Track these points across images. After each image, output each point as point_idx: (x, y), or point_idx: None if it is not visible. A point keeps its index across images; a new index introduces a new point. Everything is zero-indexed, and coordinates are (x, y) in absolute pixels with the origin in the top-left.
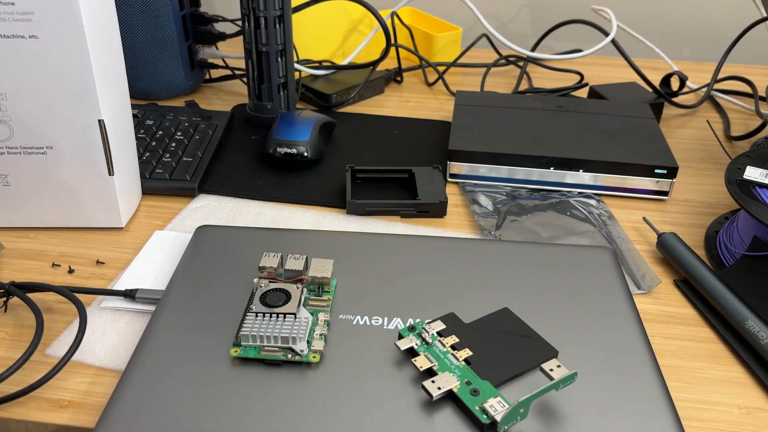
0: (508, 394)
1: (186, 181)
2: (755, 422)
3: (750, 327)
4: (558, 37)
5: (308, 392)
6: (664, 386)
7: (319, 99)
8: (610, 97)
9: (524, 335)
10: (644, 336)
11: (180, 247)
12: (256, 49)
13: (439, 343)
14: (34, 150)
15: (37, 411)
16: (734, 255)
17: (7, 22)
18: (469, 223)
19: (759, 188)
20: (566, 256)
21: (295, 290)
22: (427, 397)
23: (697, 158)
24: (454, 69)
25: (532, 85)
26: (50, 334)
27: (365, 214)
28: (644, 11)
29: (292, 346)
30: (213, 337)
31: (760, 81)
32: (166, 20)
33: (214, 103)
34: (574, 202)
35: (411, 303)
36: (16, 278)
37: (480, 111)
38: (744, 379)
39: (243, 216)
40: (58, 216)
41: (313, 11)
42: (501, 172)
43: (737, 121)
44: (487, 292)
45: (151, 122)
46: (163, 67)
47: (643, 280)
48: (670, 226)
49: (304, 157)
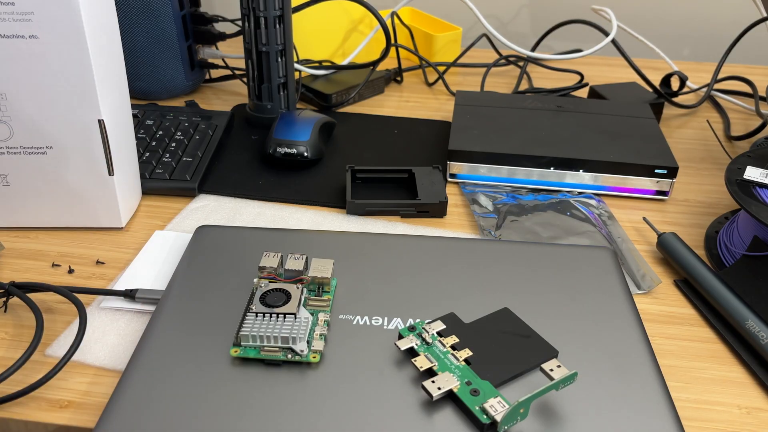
0: (508, 394)
1: (186, 181)
2: (755, 422)
3: (750, 327)
4: (558, 37)
5: (308, 392)
6: (664, 386)
7: (319, 99)
8: (610, 97)
9: (524, 335)
10: (644, 336)
11: (180, 247)
12: (256, 49)
13: (439, 343)
14: (34, 150)
15: (37, 411)
16: (734, 255)
17: (7, 22)
18: (469, 223)
19: (759, 188)
20: (566, 256)
21: (295, 290)
22: (427, 397)
23: (697, 158)
24: (454, 69)
25: (532, 85)
26: (50, 334)
27: (365, 214)
28: (644, 11)
29: (292, 346)
30: (213, 337)
31: (760, 81)
32: (166, 20)
33: (214, 103)
34: (574, 202)
35: (411, 303)
36: (16, 278)
37: (480, 111)
38: (744, 379)
39: (243, 216)
40: (58, 216)
41: (313, 11)
42: (501, 172)
43: (737, 121)
44: (487, 292)
45: (151, 122)
46: (163, 67)
47: (643, 280)
48: (670, 226)
49: (304, 157)
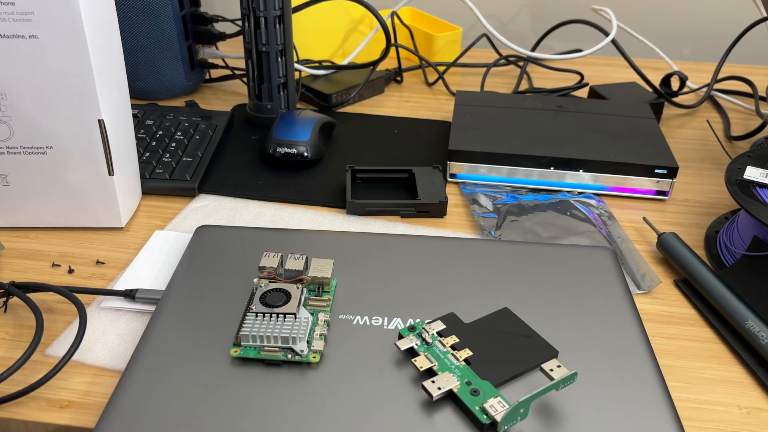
0: (508, 394)
1: (186, 181)
2: (755, 422)
3: (750, 327)
4: (558, 37)
5: (308, 392)
6: (664, 386)
7: (319, 99)
8: (610, 97)
9: (524, 335)
10: (644, 336)
11: (180, 247)
12: (256, 49)
13: (439, 343)
14: (34, 150)
15: (37, 411)
16: (734, 255)
17: (7, 22)
18: (469, 223)
19: (759, 188)
20: (566, 256)
21: (295, 290)
22: (427, 397)
23: (697, 158)
24: (454, 69)
25: (532, 85)
26: (50, 334)
27: (365, 214)
28: (644, 11)
29: (292, 346)
30: (213, 337)
31: (760, 81)
32: (166, 20)
33: (214, 103)
34: (574, 202)
35: (411, 303)
36: (16, 278)
37: (480, 111)
38: (744, 379)
39: (243, 216)
40: (58, 216)
41: (313, 11)
42: (501, 172)
43: (737, 121)
44: (487, 292)
45: (151, 122)
46: (163, 67)
47: (643, 280)
48: (670, 226)
49: (304, 157)
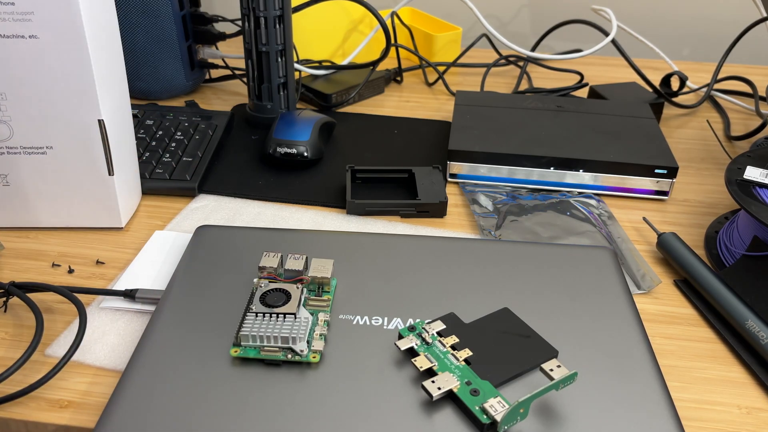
0: (508, 394)
1: (186, 181)
2: (755, 422)
3: (750, 327)
4: (558, 37)
5: (308, 392)
6: (664, 386)
7: (319, 99)
8: (610, 97)
9: (524, 335)
10: (644, 336)
11: (180, 247)
12: (256, 49)
13: (439, 343)
14: (34, 150)
15: (37, 411)
16: (734, 255)
17: (7, 22)
18: (469, 223)
19: (759, 188)
20: (566, 256)
21: (295, 290)
22: (427, 397)
23: (697, 158)
24: (454, 69)
25: (532, 85)
26: (50, 334)
27: (365, 214)
28: (644, 11)
29: (292, 346)
30: (213, 337)
31: (760, 81)
32: (166, 20)
33: (214, 103)
34: (574, 202)
35: (411, 303)
36: (16, 278)
37: (480, 111)
38: (744, 379)
39: (243, 216)
40: (58, 216)
41: (313, 11)
42: (501, 172)
43: (737, 121)
44: (487, 292)
45: (151, 122)
46: (163, 67)
47: (643, 280)
48: (670, 226)
49: (304, 157)
